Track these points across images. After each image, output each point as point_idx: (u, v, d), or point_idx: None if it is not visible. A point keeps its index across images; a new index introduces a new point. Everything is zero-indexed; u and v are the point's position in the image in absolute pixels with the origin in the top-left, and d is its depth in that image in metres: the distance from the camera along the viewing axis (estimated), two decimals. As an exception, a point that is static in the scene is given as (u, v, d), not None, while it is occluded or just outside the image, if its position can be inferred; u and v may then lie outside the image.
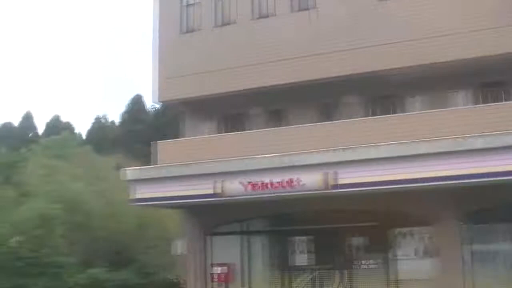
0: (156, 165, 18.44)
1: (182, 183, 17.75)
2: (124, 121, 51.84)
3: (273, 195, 16.77)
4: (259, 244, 19.48)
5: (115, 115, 78.03)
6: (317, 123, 17.76)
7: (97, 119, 54.71)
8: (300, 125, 17.80)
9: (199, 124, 20.32)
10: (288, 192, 16.61)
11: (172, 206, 19.80)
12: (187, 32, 19.93)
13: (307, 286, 18.70)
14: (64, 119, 55.66)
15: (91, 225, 27.72)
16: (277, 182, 16.68)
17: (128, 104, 52.00)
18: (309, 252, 18.90)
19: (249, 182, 16.94)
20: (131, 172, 18.50)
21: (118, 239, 27.34)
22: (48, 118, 56.09)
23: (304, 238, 19.03)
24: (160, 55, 19.92)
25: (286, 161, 16.66)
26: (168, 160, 18.79)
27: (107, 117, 55.10)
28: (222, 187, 17.24)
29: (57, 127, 51.46)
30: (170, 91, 19.74)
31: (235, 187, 17.11)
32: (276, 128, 18.25)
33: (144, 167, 18.83)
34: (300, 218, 18.70)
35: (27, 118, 55.17)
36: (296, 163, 16.55)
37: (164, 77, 19.77)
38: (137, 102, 51.80)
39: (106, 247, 27.22)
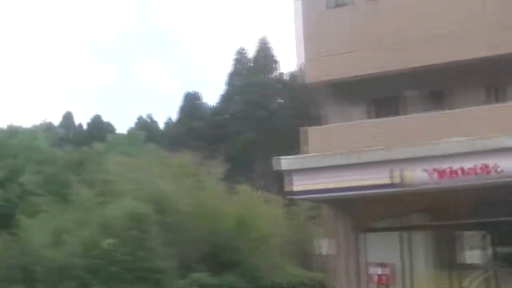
0: (317, 154, 16.38)
1: (350, 173, 15.73)
2: (179, 119, 49.72)
3: (464, 183, 14.83)
4: (421, 241, 17.45)
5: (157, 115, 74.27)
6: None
7: (140, 119, 52.62)
8: (487, 106, 15.89)
9: (344, 108, 18.30)
10: (483, 179, 14.66)
11: (327, 200, 17.72)
12: (336, 6, 17.94)
13: (480, 286, 16.75)
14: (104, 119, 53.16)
15: (183, 225, 25.68)
16: (469, 169, 14.74)
17: (183, 103, 49.90)
18: (482, 248, 16.96)
19: (435, 169, 15.00)
20: (287, 161, 16.44)
21: (215, 240, 25.26)
22: (88, 118, 53.76)
23: (474, 232, 17.10)
24: (305, 33, 17.93)
25: (479, 145, 14.71)
26: (319, 148, 16.84)
27: (152, 116, 53.07)
28: (401, 176, 15.26)
29: (98, 127, 49.41)
30: (316, 72, 17.74)
31: (418, 176, 15.10)
32: (464, 109, 16.22)
33: (302, 156, 16.80)
34: (469, 210, 16.71)
35: (67, 118, 52.89)
36: (491, 147, 14.60)
37: (309, 57, 17.81)
38: (190, 99, 49.68)
39: (203, 249, 25.14)
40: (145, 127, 50.39)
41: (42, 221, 26.08)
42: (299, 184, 16.38)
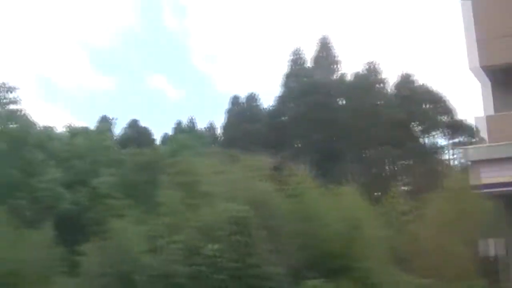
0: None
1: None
2: (227, 122, 47.93)
3: None
4: None
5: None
6: None
7: (178, 124, 50.60)
8: None
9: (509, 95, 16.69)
10: None
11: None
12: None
13: None
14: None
15: (286, 230, 23.83)
16: None
17: (231, 106, 48.23)
18: None
19: None
20: (475, 150, 14.78)
21: (323, 245, 23.42)
22: (125, 123, 51.52)
23: None
24: (475, 14, 16.32)
25: None
26: (501, 137, 15.21)
27: (194, 119, 51.00)
28: None
29: (135, 131, 47.43)
30: (489, 56, 16.11)
31: None
32: None
33: (493, 145, 15.06)
34: None
35: (103, 122, 50.52)
36: None
37: (480, 40, 16.17)
38: (247, 101, 47.95)
39: (310, 254, 23.28)
40: (185, 131, 48.33)
41: (132, 226, 24.09)
42: (489, 177, 14.71)
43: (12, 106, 30.62)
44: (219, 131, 49.82)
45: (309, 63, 46.90)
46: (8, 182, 28.64)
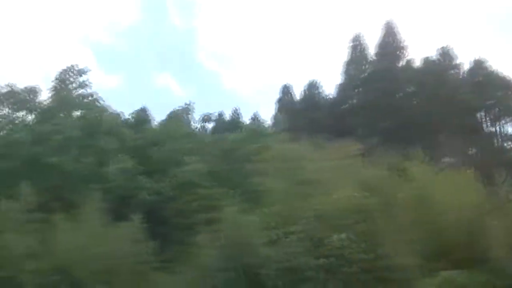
0: None
1: None
2: (278, 112, 46.27)
3: None
4: None
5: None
6: None
7: (220, 116, 48.51)
8: None
9: None
10: None
11: None
12: None
13: None
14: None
15: (407, 217, 22.39)
16: None
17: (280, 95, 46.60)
18: None
19: None
20: None
21: (447, 234, 22.05)
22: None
23: None
24: None
25: None
26: None
27: (239, 110, 48.75)
28: None
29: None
30: None
31: None
32: None
33: None
34: None
35: (141, 113, 48.16)
36: None
37: None
38: (309, 89, 46.17)
39: (436, 244, 21.89)
40: (230, 122, 46.30)
41: (243, 217, 22.37)
42: None
43: (82, 91, 28.73)
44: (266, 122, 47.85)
45: (370, 49, 45.46)
46: (82, 172, 26.68)
